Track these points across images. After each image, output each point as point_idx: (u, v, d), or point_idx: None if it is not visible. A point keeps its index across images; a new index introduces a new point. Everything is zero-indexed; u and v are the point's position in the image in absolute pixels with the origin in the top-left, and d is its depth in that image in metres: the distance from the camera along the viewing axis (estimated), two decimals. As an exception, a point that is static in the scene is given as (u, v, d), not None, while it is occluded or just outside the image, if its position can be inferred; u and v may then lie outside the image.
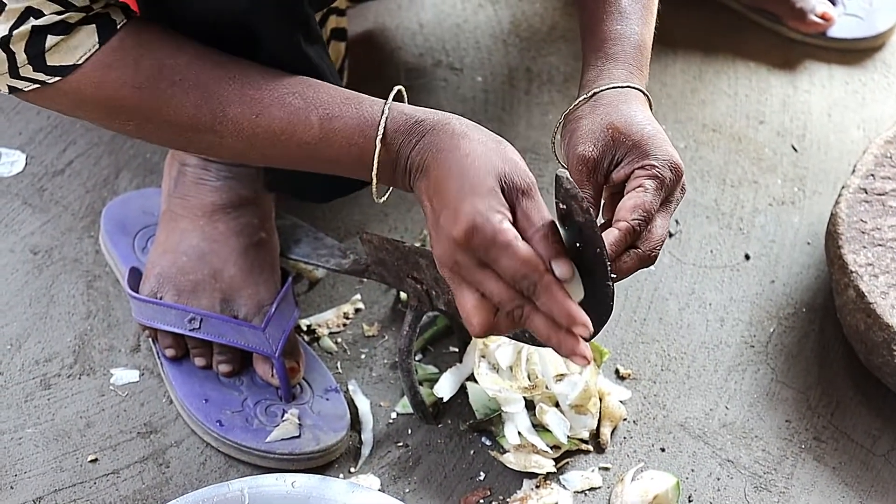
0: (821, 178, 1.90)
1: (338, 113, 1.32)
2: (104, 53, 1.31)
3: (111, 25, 1.32)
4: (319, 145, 1.33)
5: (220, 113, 1.33)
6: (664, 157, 1.34)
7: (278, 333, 1.57)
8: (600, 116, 1.37)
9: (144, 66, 1.32)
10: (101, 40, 1.31)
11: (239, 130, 1.34)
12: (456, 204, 1.23)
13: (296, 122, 1.33)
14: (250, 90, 1.33)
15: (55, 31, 1.29)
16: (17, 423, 1.58)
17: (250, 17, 1.34)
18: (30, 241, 1.76)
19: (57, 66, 1.31)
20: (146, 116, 1.35)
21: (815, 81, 2.03)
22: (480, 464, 1.57)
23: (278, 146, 1.34)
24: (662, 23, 1.50)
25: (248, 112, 1.33)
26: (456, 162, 1.26)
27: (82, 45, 1.31)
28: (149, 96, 1.33)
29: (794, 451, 1.60)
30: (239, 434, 1.55)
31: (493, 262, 1.21)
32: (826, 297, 1.75)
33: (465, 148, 1.26)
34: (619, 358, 1.68)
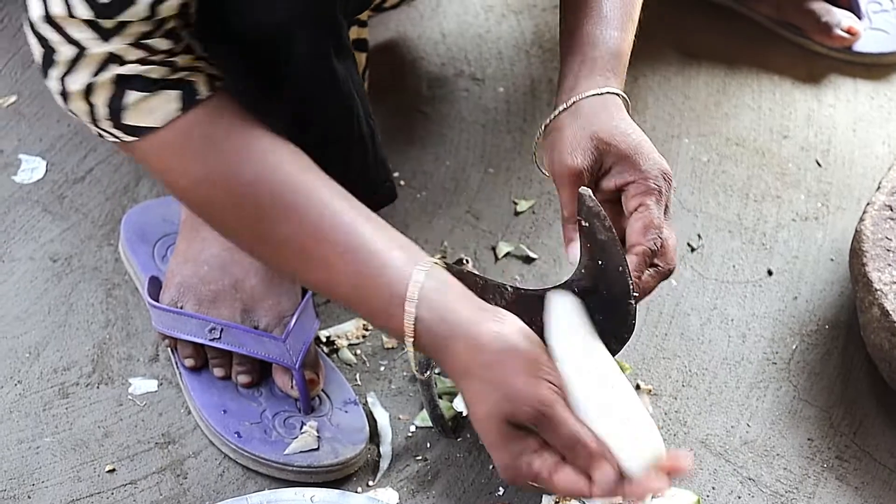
0: (845, 194, 1.89)
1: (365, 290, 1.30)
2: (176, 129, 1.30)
3: (193, 94, 1.30)
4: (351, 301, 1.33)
5: (262, 241, 1.33)
6: (655, 167, 1.37)
7: (299, 345, 1.56)
8: (583, 126, 1.38)
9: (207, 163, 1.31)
10: (182, 108, 1.30)
11: (277, 262, 1.35)
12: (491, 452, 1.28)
13: (332, 283, 1.32)
14: (298, 231, 1.31)
15: (136, 87, 1.28)
16: (35, 432, 1.58)
17: (285, 30, 1.33)
18: (49, 248, 1.76)
19: (132, 125, 1.30)
20: (196, 208, 1.36)
21: (840, 96, 2.02)
22: (500, 478, 1.56)
23: (310, 285, 1.40)
24: (686, 35, 1.49)
25: (289, 252, 1.32)
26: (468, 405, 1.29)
27: (161, 109, 1.29)
28: (203, 194, 1.33)
29: (817, 470, 1.59)
30: (257, 446, 1.54)
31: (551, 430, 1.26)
32: (850, 315, 1.73)
33: (471, 390, 1.28)
34: (640, 373, 1.67)
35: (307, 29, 1.34)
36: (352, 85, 1.42)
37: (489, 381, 1.26)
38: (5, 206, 1.80)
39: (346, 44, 1.41)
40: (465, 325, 1.28)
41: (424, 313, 1.28)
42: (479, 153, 1.90)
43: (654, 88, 2.00)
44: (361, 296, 1.31)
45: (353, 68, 1.43)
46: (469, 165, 1.89)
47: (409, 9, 2.08)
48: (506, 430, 1.26)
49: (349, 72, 1.42)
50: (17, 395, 1.61)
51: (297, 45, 1.35)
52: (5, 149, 1.87)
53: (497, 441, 1.26)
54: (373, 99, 1.92)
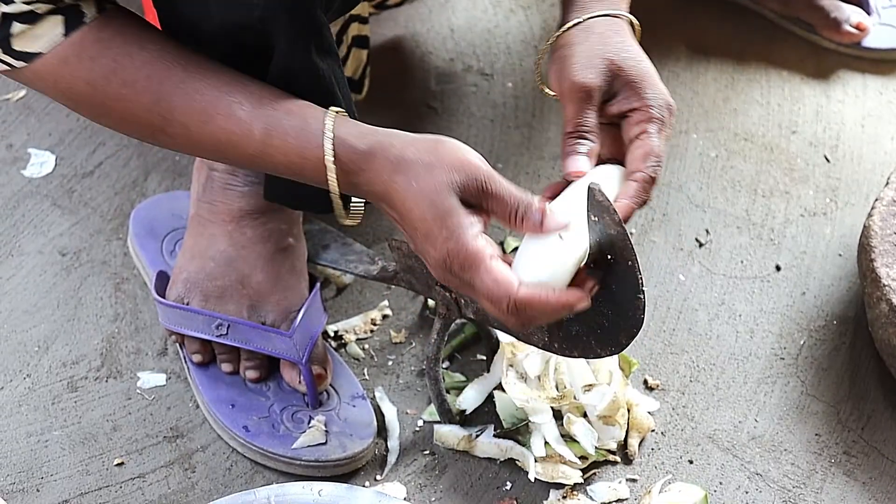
0: (853, 190, 1.88)
1: (279, 127, 1.33)
2: (64, 47, 1.33)
3: (78, 18, 1.33)
4: (262, 157, 1.35)
5: (168, 117, 1.35)
6: (660, 97, 1.38)
7: (305, 340, 1.56)
8: (596, 46, 1.39)
9: (100, 63, 1.33)
10: (65, 33, 1.32)
11: (187, 135, 1.36)
12: (428, 234, 1.28)
13: (238, 134, 1.34)
14: (199, 97, 1.34)
15: (22, 20, 1.30)
16: (44, 426, 1.58)
17: (264, 25, 1.33)
18: (58, 242, 1.76)
19: (21, 51, 1.32)
20: (100, 112, 1.37)
21: (848, 91, 2.02)
22: (507, 473, 1.56)
23: (223, 154, 1.37)
24: (695, 30, 1.49)
25: (195, 119, 1.34)
26: (407, 194, 1.29)
27: (46, 35, 1.32)
28: (101, 94, 1.35)
29: (824, 466, 1.59)
30: (265, 440, 1.55)
31: (472, 283, 1.27)
32: (858, 310, 1.73)
33: (408, 175, 1.29)
34: (648, 369, 1.67)
35: (285, 25, 1.34)
36: (334, 82, 1.42)
37: (431, 163, 1.28)
38: (15, 201, 1.80)
39: (327, 40, 1.41)
40: (390, 132, 1.32)
41: (343, 133, 1.31)
42: (488, 148, 1.90)
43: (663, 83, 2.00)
44: (274, 141, 1.33)
45: (335, 65, 1.43)
46: (477, 160, 1.89)
47: (418, 4, 2.08)
48: (455, 205, 1.27)
49: (331, 69, 1.41)
50: (27, 388, 1.62)
51: (275, 41, 1.35)
52: (15, 143, 1.87)
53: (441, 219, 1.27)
54: (381, 94, 1.93)
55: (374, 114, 1.91)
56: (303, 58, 1.38)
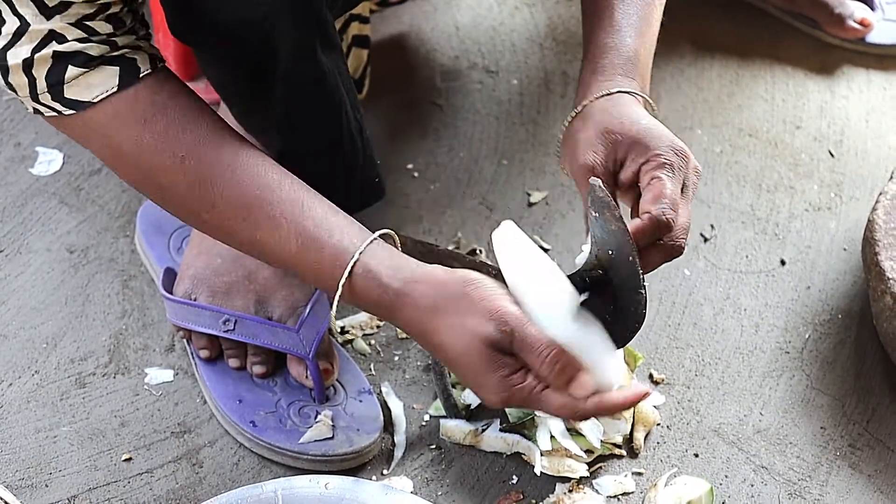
0: (858, 184, 1.89)
1: (315, 247, 1.34)
2: (118, 100, 1.31)
3: (134, 72, 1.32)
4: (292, 266, 1.36)
5: (208, 204, 1.34)
6: (665, 144, 1.36)
7: (312, 335, 1.57)
8: (594, 125, 1.38)
9: (151, 128, 1.32)
10: (120, 85, 1.31)
11: (223, 226, 1.36)
12: (473, 381, 1.29)
13: (276, 239, 1.34)
14: (245, 191, 1.34)
15: (76, 62, 1.29)
16: (53, 422, 1.59)
17: (269, 23, 1.34)
18: (66, 240, 1.77)
19: (73, 99, 1.31)
20: (142, 177, 1.36)
21: (852, 87, 2.02)
22: (513, 467, 1.57)
23: (255, 252, 1.38)
24: (699, 27, 1.49)
25: (236, 213, 1.34)
26: (442, 342, 1.30)
27: (101, 85, 1.31)
28: (148, 160, 1.33)
29: (829, 459, 1.59)
30: (272, 435, 1.55)
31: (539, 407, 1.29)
32: (862, 304, 1.74)
33: (441, 326, 1.29)
34: (653, 363, 1.68)
35: (290, 23, 1.34)
36: (339, 79, 1.43)
37: (463, 311, 1.28)
38: (23, 199, 1.81)
39: (332, 38, 1.41)
40: (421, 269, 1.32)
41: (373, 263, 1.32)
42: (493, 145, 1.91)
43: (668, 80, 2.01)
44: (309, 253, 1.33)
45: (340, 62, 1.43)
46: (482, 157, 1.89)
47: (423, 2, 2.09)
48: (489, 354, 1.27)
49: (336, 66, 1.42)
50: (35, 384, 1.63)
51: (281, 39, 1.36)
52: (22, 141, 1.88)
53: (482, 366, 1.27)
54: (387, 91, 1.94)
55: (379, 111, 1.93)
56: (308, 56, 1.39)
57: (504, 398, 1.28)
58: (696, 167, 1.37)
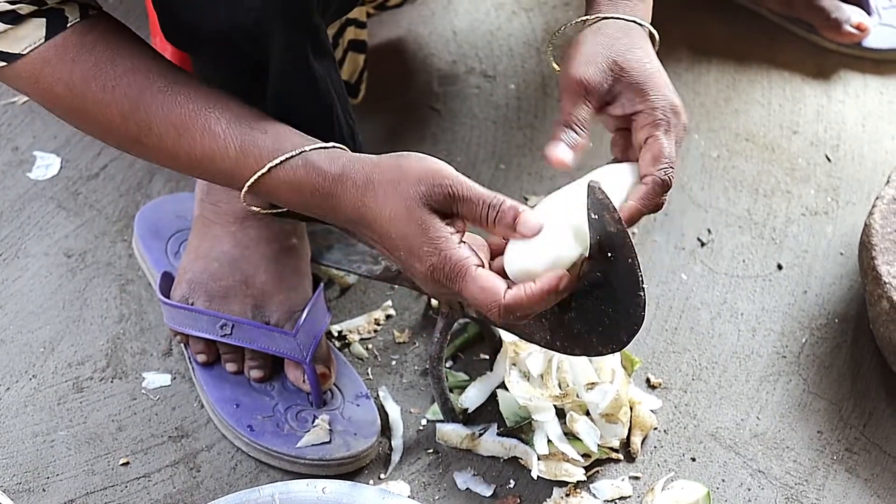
0: (854, 189, 1.89)
1: (255, 145, 1.34)
2: (46, 48, 1.33)
3: (61, 21, 1.33)
4: (235, 172, 1.35)
5: (145, 127, 1.35)
6: (663, 100, 1.37)
7: (309, 339, 1.57)
8: (601, 46, 1.39)
9: (80, 66, 1.34)
10: (47, 35, 1.33)
11: (163, 147, 1.36)
12: (410, 250, 1.29)
13: (215, 149, 1.35)
14: (178, 109, 1.35)
15: (5, 20, 1.31)
16: (50, 426, 1.59)
17: (260, 30, 1.34)
18: (64, 244, 1.77)
19: (3, 52, 1.33)
20: (77, 116, 1.37)
21: (849, 91, 2.03)
22: (511, 471, 1.57)
23: (198, 168, 1.37)
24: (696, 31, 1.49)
25: (171, 131, 1.35)
26: (380, 215, 1.30)
27: (28, 37, 1.32)
28: (80, 97, 1.35)
29: (826, 463, 1.60)
30: (270, 439, 1.55)
31: (461, 290, 1.28)
32: (859, 308, 1.74)
33: (377, 196, 1.30)
34: (650, 367, 1.68)
35: (281, 29, 1.35)
36: (330, 84, 1.43)
37: (396, 178, 1.29)
38: (20, 203, 1.81)
39: (324, 44, 1.41)
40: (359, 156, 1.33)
41: (313, 155, 1.33)
42: (491, 149, 1.91)
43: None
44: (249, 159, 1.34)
45: (332, 68, 1.43)
46: (480, 161, 1.90)
47: (420, 6, 2.09)
48: (421, 214, 1.28)
49: (328, 72, 1.42)
50: (32, 389, 1.63)
51: (272, 45, 1.36)
52: (20, 146, 1.88)
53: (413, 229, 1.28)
54: (384, 96, 1.94)
55: (377, 116, 1.93)
56: (299, 61, 1.39)
57: (434, 263, 1.27)
58: (685, 124, 1.39)
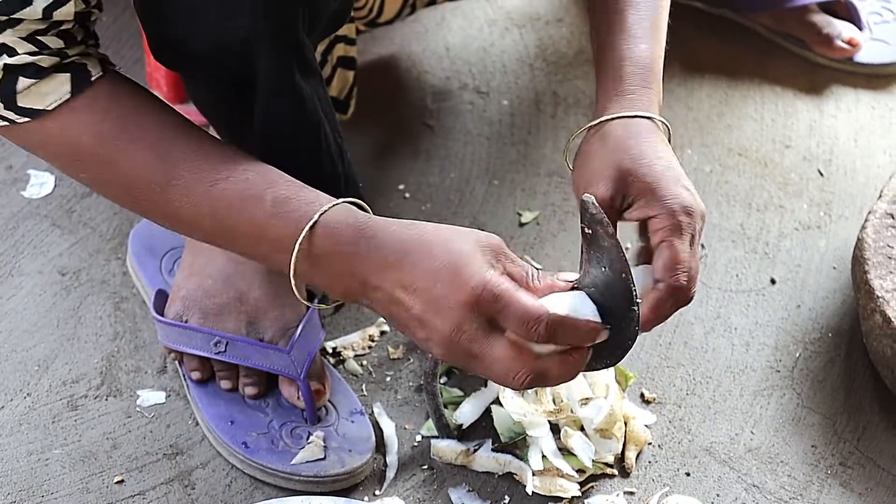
0: (847, 203, 1.90)
1: (292, 196, 1.32)
2: (76, 103, 1.32)
3: (85, 77, 1.32)
4: (269, 223, 1.31)
5: (173, 174, 1.33)
6: (674, 201, 1.35)
7: (303, 356, 1.57)
8: (610, 154, 1.37)
9: (111, 116, 1.33)
10: (73, 91, 1.32)
11: (190, 196, 1.33)
12: (452, 273, 1.24)
13: (249, 197, 1.32)
14: (209, 159, 1.33)
15: (27, 74, 1.29)
16: (45, 444, 1.59)
17: (247, 47, 1.34)
18: (58, 262, 1.77)
19: (27, 108, 1.31)
20: (100, 166, 1.35)
21: (841, 106, 2.03)
22: (505, 487, 1.57)
23: (227, 218, 1.33)
24: (688, 47, 1.50)
25: (203, 179, 1.33)
26: (431, 241, 1.26)
27: (54, 93, 1.31)
28: (107, 146, 1.33)
29: (820, 477, 1.60)
30: (264, 456, 1.55)
31: (502, 314, 1.23)
32: (852, 322, 1.74)
33: (429, 229, 1.27)
34: (645, 382, 1.68)
35: (268, 48, 1.35)
36: (318, 103, 1.43)
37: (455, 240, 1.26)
38: (14, 221, 1.82)
39: (311, 63, 1.42)
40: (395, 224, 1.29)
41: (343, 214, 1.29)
42: (484, 165, 1.92)
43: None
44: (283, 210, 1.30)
45: (319, 87, 1.44)
46: (474, 177, 1.90)
47: (414, 23, 2.09)
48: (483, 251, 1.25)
49: (315, 90, 1.42)
50: (27, 407, 1.63)
51: (259, 64, 1.36)
52: (14, 164, 1.88)
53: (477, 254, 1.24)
54: (378, 112, 1.95)
55: (370, 132, 1.94)
56: (286, 80, 1.39)
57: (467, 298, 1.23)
58: (702, 214, 1.36)
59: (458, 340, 1.25)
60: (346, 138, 1.78)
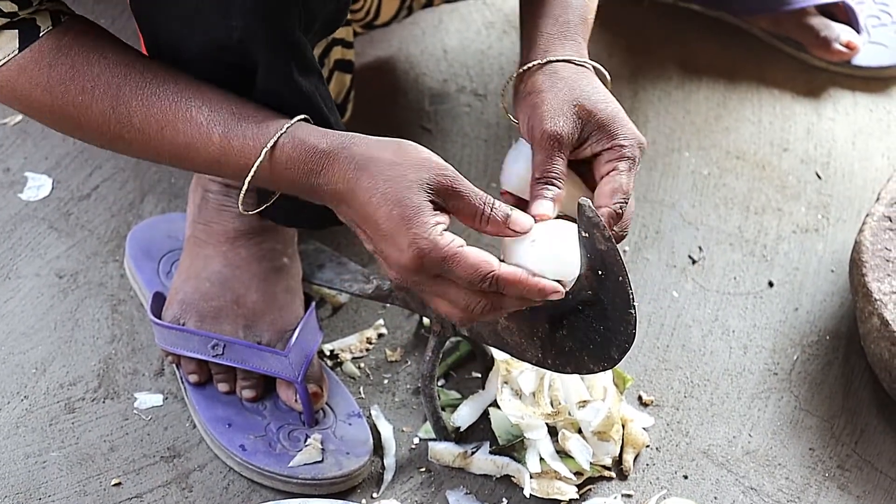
0: (845, 206, 1.90)
1: (238, 130, 1.35)
2: (22, 57, 1.34)
3: (33, 32, 1.34)
4: (221, 160, 1.36)
5: (126, 123, 1.36)
6: (631, 136, 1.40)
7: (301, 359, 1.57)
8: (563, 92, 1.40)
9: (57, 70, 1.35)
10: (20, 46, 1.34)
11: (146, 140, 1.37)
12: (393, 234, 1.29)
13: (197, 138, 1.35)
14: (158, 102, 1.35)
15: None
16: (42, 447, 1.59)
17: (244, 46, 1.35)
18: (55, 265, 1.77)
19: None
20: (58, 118, 1.38)
21: (839, 109, 2.03)
22: (503, 490, 1.57)
23: (183, 159, 1.38)
24: (686, 49, 1.50)
25: (153, 124, 1.36)
26: (373, 191, 1.30)
27: (1, 50, 1.33)
28: (59, 101, 1.36)
29: (818, 480, 1.60)
30: (262, 459, 1.55)
31: (448, 274, 1.29)
32: (850, 325, 1.74)
33: (374, 173, 1.30)
34: (642, 384, 1.68)
35: (263, 47, 1.35)
36: (319, 99, 1.43)
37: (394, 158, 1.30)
38: (12, 224, 1.81)
39: (310, 61, 1.42)
40: (352, 134, 1.34)
41: (301, 132, 1.33)
42: (482, 168, 1.92)
43: (655, 103, 2.02)
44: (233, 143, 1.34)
45: (320, 84, 1.44)
46: (471, 180, 1.84)
47: (411, 25, 2.09)
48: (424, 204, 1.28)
49: (315, 87, 1.42)
50: (24, 410, 1.62)
51: (257, 61, 1.37)
52: (11, 167, 1.88)
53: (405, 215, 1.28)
54: (376, 114, 1.94)
55: (368, 134, 1.93)
56: (284, 78, 1.39)
57: (422, 247, 1.28)
58: (641, 144, 1.40)
59: (409, 282, 1.31)
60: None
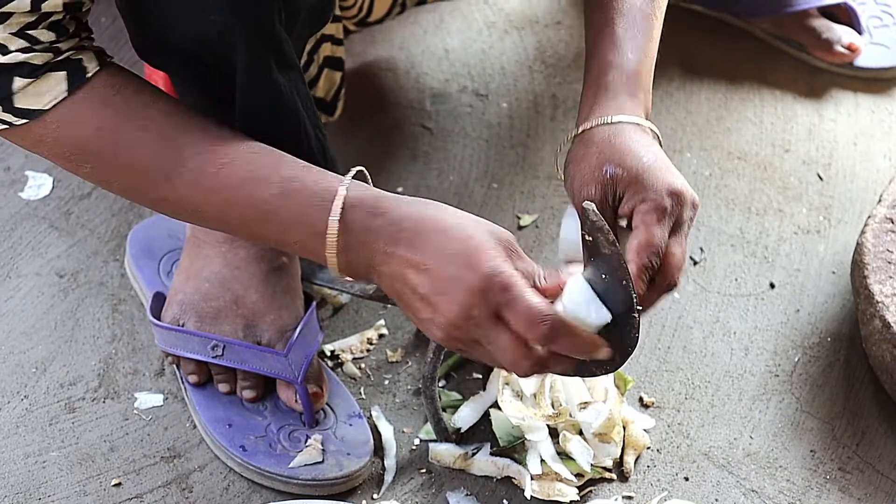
0: (846, 207, 1.89)
1: (299, 176, 1.32)
2: (73, 101, 1.31)
3: (81, 73, 1.32)
4: (277, 204, 1.32)
5: (179, 161, 1.33)
6: (660, 186, 1.35)
7: (301, 359, 1.57)
8: (595, 157, 1.38)
9: (110, 109, 1.32)
10: (70, 88, 1.31)
11: (196, 182, 1.33)
12: (466, 257, 1.25)
13: (256, 178, 1.32)
14: (215, 143, 1.33)
15: (22, 73, 1.29)
16: (42, 447, 1.59)
17: (224, 41, 1.34)
18: (56, 264, 1.77)
19: (25, 108, 1.31)
20: (103, 159, 1.34)
21: (841, 110, 2.03)
22: (504, 491, 1.57)
23: (235, 202, 1.33)
24: (688, 50, 1.50)
25: (209, 164, 1.32)
26: (447, 222, 1.27)
27: (50, 92, 1.31)
28: (109, 137, 1.33)
29: (819, 482, 1.60)
30: (262, 459, 1.55)
31: (508, 307, 1.25)
32: (852, 327, 1.74)
33: (447, 213, 1.29)
34: (643, 386, 1.68)
35: (243, 41, 1.35)
36: (297, 98, 1.43)
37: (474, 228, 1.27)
38: (12, 223, 1.81)
39: (289, 57, 1.41)
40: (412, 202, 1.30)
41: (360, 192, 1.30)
42: (483, 168, 1.92)
43: (657, 103, 2.01)
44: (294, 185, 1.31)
45: (299, 82, 1.43)
46: (472, 180, 1.90)
47: (412, 25, 2.09)
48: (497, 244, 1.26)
49: (293, 84, 1.42)
50: (24, 409, 1.62)
51: (235, 57, 1.36)
52: (12, 166, 1.88)
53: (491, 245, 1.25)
54: (377, 114, 1.94)
55: (369, 134, 1.93)
56: (263, 74, 1.39)
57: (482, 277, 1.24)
58: (693, 202, 1.36)
59: (463, 324, 1.26)
60: (344, 140, 1.79)
